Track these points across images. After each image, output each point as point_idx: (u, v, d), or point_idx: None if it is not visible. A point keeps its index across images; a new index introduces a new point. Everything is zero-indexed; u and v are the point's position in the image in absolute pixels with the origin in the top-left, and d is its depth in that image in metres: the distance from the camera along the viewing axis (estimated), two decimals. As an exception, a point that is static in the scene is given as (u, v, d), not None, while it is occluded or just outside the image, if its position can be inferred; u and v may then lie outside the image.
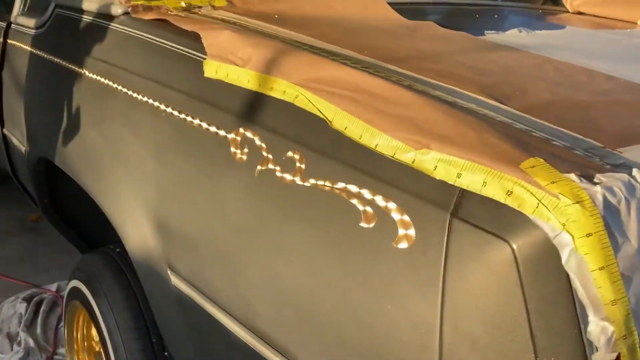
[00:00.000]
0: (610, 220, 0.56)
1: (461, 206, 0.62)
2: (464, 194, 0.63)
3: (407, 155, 0.68)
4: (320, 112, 0.80)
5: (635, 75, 1.08)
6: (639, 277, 0.56)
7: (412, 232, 0.66)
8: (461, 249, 0.61)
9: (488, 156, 0.63)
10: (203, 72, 1.01)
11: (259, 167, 0.86)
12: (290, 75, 0.87)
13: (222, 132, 0.94)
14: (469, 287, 0.61)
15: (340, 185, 0.74)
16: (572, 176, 0.58)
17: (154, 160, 1.10)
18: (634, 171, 0.61)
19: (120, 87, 1.23)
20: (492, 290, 0.59)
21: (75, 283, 1.60)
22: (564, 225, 0.55)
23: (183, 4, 1.42)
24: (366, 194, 0.71)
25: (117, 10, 1.35)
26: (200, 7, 1.42)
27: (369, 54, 1.04)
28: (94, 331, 1.63)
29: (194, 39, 1.08)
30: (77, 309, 1.63)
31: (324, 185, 0.76)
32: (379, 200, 0.70)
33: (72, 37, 1.53)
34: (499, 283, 0.58)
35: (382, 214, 0.69)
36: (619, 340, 0.54)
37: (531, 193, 0.58)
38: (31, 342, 2.17)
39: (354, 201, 0.72)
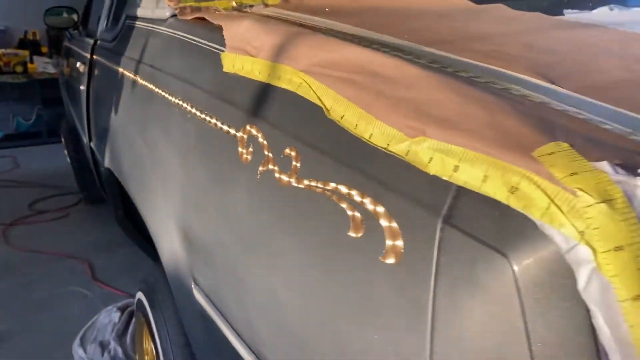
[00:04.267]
0: (657, 227, 0.38)
1: (456, 210, 0.47)
2: (460, 193, 0.47)
3: (401, 145, 0.54)
4: (320, 100, 0.68)
5: None
6: None
7: (400, 243, 0.51)
8: (453, 267, 0.46)
9: (494, 141, 0.46)
10: (222, 67, 0.92)
11: (260, 168, 0.75)
12: (297, 60, 0.75)
13: (232, 131, 0.84)
14: (461, 317, 0.45)
15: (332, 185, 0.61)
16: (605, 165, 0.41)
17: (180, 166, 1.02)
18: None
19: (160, 91, 1.18)
20: (488, 324, 0.43)
21: (139, 295, 1.57)
22: (582, 234, 0.38)
23: (234, 4, 1.35)
24: (356, 195, 0.57)
25: (165, 13, 1.31)
26: (252, 6, 1.34)
27: (409, 38, 0.89)
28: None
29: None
30: (142, 321, 1.60)
31: (317, 187, 0.63)
32: (368, 203, 0.55)
33: (133, 45, 1.51)
34: (495, 314, 0.42)
35: (370, 221, 0.55)
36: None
37: (541, 189, 0.41)
38: (120, 352, 2.21)
39: (344, 205, 0.59)
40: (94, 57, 2.01)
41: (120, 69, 1.53)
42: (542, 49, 0.80)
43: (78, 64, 2.29)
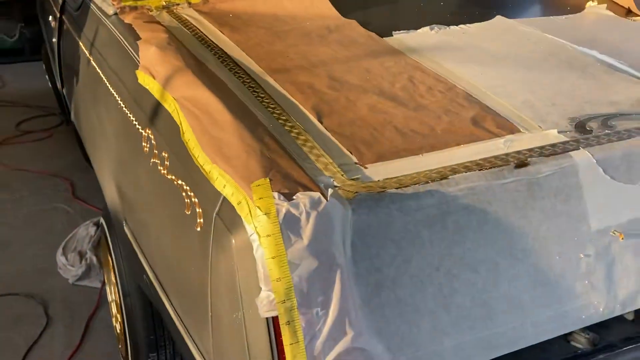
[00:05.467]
0: (288, 226, 0.85)
1: (222, 208, 0.93)
2: (224, 199, 0.93)
3: (207, 166, 0.99)
4: (180, 124, 1.12)
5: (495, 84, 1.27)
6: (305, 263, 0.85)
7: (202, 220, 0.98)
8: (217, 239, 0.93)
9: (242, 175, 0.92)
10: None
11: (152, 160, 1.20)
12: (174, 91, 1.19)
13: (139, 128, 1.28)
14: (219, 265, 0.92)
15: (180, 182, 1.07)
16: (275, 194, 0.87)
17: (114, 140, 1.47)
18: (330, 191, 0.89)
19: (103, 78, 1.60)
20: (226, 265, 0.90)
21: (102, 220, 2.05)
22: (256, 228, 0.85)
23: (164, 3, 1.73)
24: (188, 190, 1.03)
25: (110, 10, 1.70)
26: (178, 4, 1.73)
27: (265, 64, 1.32)
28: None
29: (143, 47, 1.41)
30: (104, 241, 2.10)
31: (174, 180, 1.09)
32: (192, 196, 1.02)
33: (89, 27, 1.90)
34: (227, 260, 0.90)
35: (193, 206, 1.01)
36: (278, 303, 0.84)
37: (247, 204, 0.87)
38: (94, 260, 2.72)
39: (184, 194, 1.05)
40: (63, 17, 2.38)
41: (81, 43, 1.93)
42: (336, 84, 1.23)
43: (50, 18, 2.65)
